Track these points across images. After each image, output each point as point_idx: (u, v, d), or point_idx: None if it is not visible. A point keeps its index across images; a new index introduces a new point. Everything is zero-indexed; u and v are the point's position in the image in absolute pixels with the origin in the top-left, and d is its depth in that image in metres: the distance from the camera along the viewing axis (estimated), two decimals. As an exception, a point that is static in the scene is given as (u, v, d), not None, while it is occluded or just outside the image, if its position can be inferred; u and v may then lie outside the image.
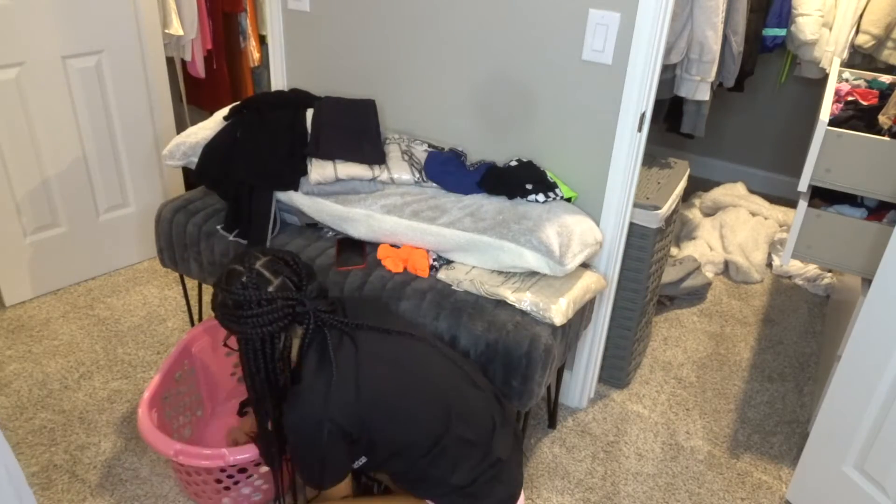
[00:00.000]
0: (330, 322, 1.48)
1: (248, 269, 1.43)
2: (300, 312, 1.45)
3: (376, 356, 1.47)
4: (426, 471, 1.47)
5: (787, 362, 2.53)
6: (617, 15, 1.74)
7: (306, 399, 1.40)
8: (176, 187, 2.92)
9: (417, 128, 2.19)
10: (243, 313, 1.41)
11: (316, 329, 1.46)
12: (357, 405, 1.40)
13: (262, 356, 1.44)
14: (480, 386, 1.58)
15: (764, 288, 2.97)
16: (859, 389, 1.68)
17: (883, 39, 2.81)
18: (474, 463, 1.49)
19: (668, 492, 1.98)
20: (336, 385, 1.40)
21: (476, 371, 1.63)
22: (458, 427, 1.47)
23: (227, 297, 1.43)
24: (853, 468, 1.76)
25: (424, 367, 1.51)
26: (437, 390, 1.49)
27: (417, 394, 1.46)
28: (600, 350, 2.20)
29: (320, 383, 1.41)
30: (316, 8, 2.22)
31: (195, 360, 2.03)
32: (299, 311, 1.45)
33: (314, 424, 1.38)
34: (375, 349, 1.48)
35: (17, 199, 2.47)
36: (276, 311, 1.42)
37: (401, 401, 1.44)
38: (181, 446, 1.63)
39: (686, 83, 2.38)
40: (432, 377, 1.50)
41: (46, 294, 2.66)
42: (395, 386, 1.45)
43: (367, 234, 1.93)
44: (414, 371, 1.49)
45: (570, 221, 1.82)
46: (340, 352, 1.45)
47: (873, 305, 1.61)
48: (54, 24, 2.36)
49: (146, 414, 1.71)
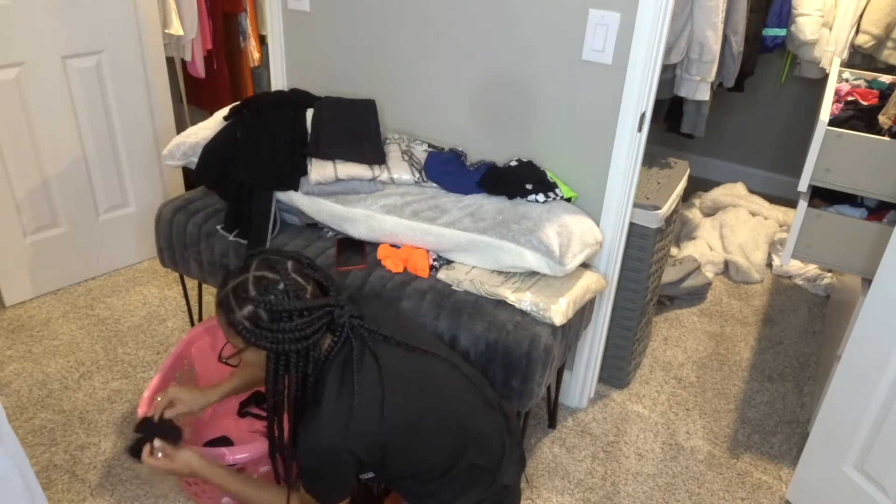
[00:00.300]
0: (360, 332, 1.37)
1: (284, 275, 1.30)
2: (336, 320, 1.33)
3: (401, 378, 1.36)
4: (435, 493, 1.42)
5: (787, 362, 2.53)
6: (617, 15, 1.74)
7: (326, 425, 1.29)
8: (176, 187, 2.92)
9: (417, 128, 2.19)
10: (282, 326, 1.27)
11: (345, 340, 1.35)
12: (379, 433, 1.31)
13: (295, 372, 1.31)
14: (492, 404, 1.53)
15: (764, 288, 2.97)
16: (859, 389, 1.68)
17: (883, 39, 2.81)
18: (482, 489, 1.44)
19: (668, 492, 1.98)
20: (358, 413, 1.29)
21: (486, 386, 1.58)
22: (472, 454, 1.41)
23: (261, 309, 1.27)
24: (853, 468, 1.76)
25: (445, 389, 1.44)
26: (457, 416, 1.42)
27: (438, 419, 1.39)
28: (600, 350, 2.20)
29: (342, 410, 1.29)
30: (316, 8, 2.22)
31: (195, 360, 2.03)
32: (336, 319, 1.33)
33: (332, 452, 1.29)
34: (400, 369, 1.37)
35: (17, 199, 2.47)
36: (315, 320, 1.30)
37: (422, 426, 1.36)
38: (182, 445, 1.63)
39: (686, 83, 2.38)
40: (453, 401, 1.43)
41: (46, 294, 2.66)
42: (418, 410, 1.36)
43: (367, 234, 1.93)
44: (436, 395, 1.41)
45: (570, 221, 1.82)
46: (363, 373, 1.33)
47: (873, 305, 1.61)
48: (54, 24, 2.36)
49: (146, 413, 1.71)
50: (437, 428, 1.39)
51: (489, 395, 1.56)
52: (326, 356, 1.34)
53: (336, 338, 1.35)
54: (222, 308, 1.33)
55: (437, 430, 1.39)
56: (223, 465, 1.56)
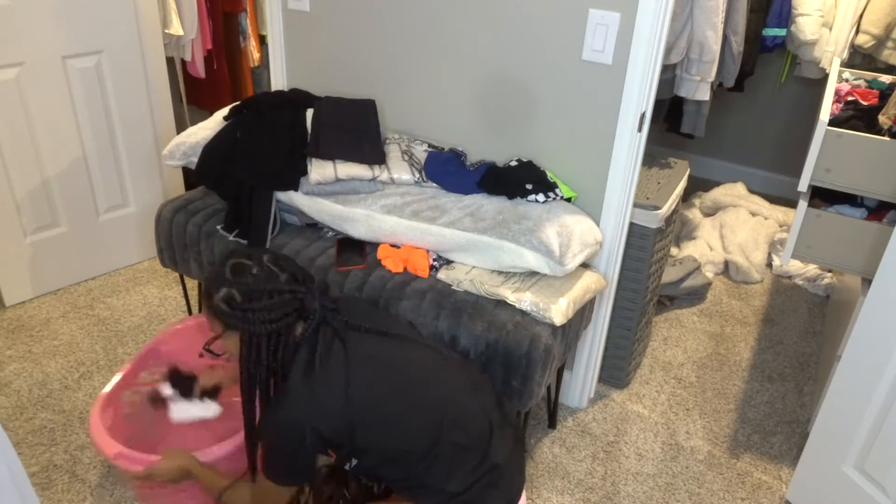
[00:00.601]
0: (332, 319, 1.45)
1: (258, 261, 1.40)
2: (307, 306, 1.41)
3: (369, 359, 1.43)
4: (423, 479, 1.44)
5: (787, 362, 2.54)
6: (617, 15, 1.74)
7: (292, 402, 1.36)
8: (176, 187, 2.92)
9: (417, 128, 2.20)
10: (253, 305, 1.35)
11: (316, 326, 1.42)
12: (345, 412, 1.37)
13: (266, 354, 1.39)
14: (480, 388, 1.56)
15: (764, 288, 2.97)
16: (859, 389, 1.68)
17: (883, 39, 2.81)
18: (470, 469, 1.46)
19: (668, 492, 1.98)
20: (323, 391, 1.36)
21: (476, 371, 1.61)
22: (451, 433, 1.43)
23: (234, 289, 1.36)
24: (853, 468, 1.76)
25: (418, 369, 1.48)
26: (431, 395, 1.45)
27: (409, 398, 1.43)
28: (600, 350, 2.20)
29: (308, 388, 1.36)
30: (316, 8, 2.22)
31: (163, 362, 2.00)
32: (307, 305, 1.41)
33: (295, 429, 1.34)
34: (369, 352, 1.44)
35: (17, 199, 2.47)
36: (287, 303, 1.38)
37: (392, 405, 1.41)
38: (121, 449, 1.59)
39: (686, 83, 2.38)
40: (426, 381, 1.47)
41: (46, 294, 2.66)
42: (387, 390, 1.41)
43: (367, 234, 1.93)
44: (407, 374, 1.46)
45: (570, 221, 1.82)
46: (331, 354, 1.40)
47: (873, 305, 1.61)
48: (54, 24, 2.36)
49: (97, 413, 1.68)
50: (408, 406, 1.42)
51: (476, 378, 1.58)
52: (298, 341, 1.42)
53: (307, 324, 1.42)
54: (205, 296, 1.43)
55: (408, 407, 1.42)
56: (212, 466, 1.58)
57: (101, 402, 1.71)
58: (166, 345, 1.99)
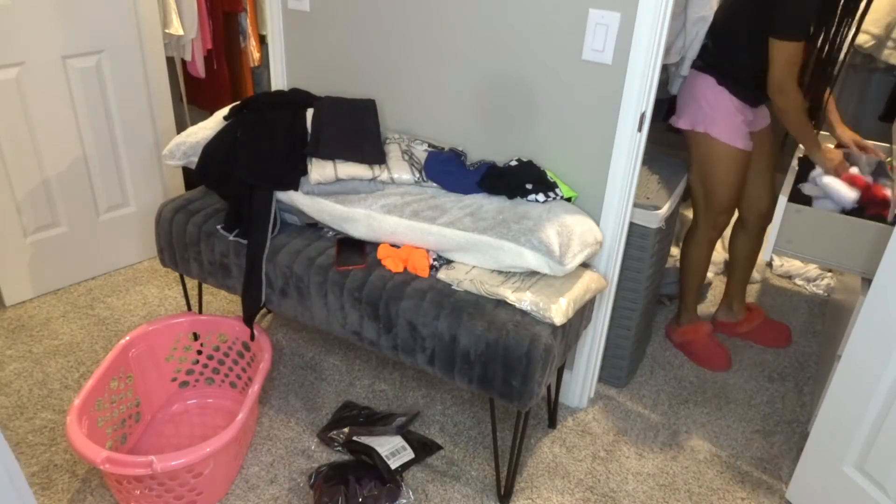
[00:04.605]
0: None
1: None
2: None
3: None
4: None
5: (787, 362, 2.54)
6: (617, 15, 1.74)
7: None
8: (176, 187, 2.92)
9: (417, 128, 2.20)
10: None
11: None
12: None
13: None
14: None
15: (764, 288, 2.97)
16: (859, 389, 1.68)
17: (883, 39, 2.81)
18: None
19: (668, 492, 1.98)
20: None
21: None
22: None
23: None
24: (853, 468, 1.76)
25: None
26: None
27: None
28: (600, 350, 2.20)
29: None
30: (316, 8, 2.22)
31: (132, 367, 2.00)
32: None
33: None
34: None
35: (17, 199, 2.47)
36: None
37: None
38: (109, 454, 1.60)
39: (678, 81, 2.37)
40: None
41: (46, 294, 2.66)
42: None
43: (367, 234, 1.93)
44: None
45: (570, 221, 1.82)
46: None
47: (873, 305, 1.61)
48: (54, 24, 2.36)
49: (75, 421, 1.68)
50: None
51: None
52: None
53: None
54: None
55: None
56: None
57: (75, 414, 1.70)
58: (134, 348, 2.01)
